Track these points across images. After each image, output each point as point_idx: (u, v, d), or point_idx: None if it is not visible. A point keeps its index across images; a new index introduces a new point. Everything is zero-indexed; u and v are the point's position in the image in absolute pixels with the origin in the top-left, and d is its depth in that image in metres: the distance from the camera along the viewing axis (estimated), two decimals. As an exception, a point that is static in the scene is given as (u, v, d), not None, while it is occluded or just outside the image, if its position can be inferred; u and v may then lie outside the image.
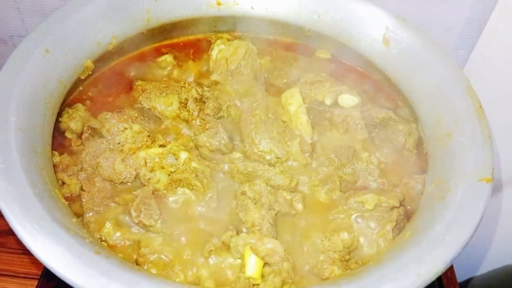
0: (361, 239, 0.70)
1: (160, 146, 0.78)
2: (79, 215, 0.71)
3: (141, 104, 0.87)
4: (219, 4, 0.97)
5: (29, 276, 0.99)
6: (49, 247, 0.53)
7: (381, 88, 0.95)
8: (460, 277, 1.57)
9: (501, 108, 1.23)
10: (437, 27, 1.13)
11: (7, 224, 0.82)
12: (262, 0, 0.98)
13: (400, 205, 0.74)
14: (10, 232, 1.04)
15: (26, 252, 1.01)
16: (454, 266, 1.12)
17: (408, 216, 0.74)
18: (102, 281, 0.51)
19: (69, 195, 0.74)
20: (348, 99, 0.89)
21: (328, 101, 0.90)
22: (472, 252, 1.59)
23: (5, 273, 1.00)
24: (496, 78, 1.19)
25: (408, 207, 0.76)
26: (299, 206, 0.74)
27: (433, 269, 0.55)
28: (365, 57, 0.94)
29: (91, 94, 0.89)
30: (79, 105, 0.85)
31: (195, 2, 0.96)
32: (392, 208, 0.73)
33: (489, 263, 1.53)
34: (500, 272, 1.49)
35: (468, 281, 1.56)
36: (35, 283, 0.94)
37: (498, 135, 1.26)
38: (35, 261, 1.00)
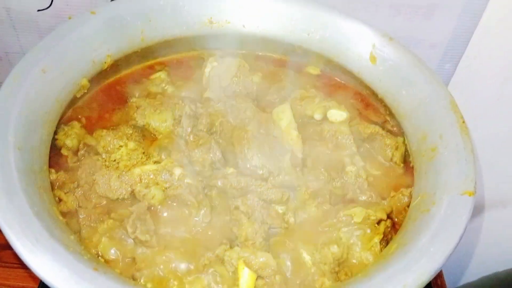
0: (350, 252, 0.73)
1: (154, 162, 0.80)
2: (76, 231, 0.73)
3: (136, 121, 0.89)
4: (211, 23, 1.00)
5: (26, 290, 1.01)
6: (48, 263, 0.55)
7: (369, 103, 0.98)
8: (451, 285, 1.60)
9: (485, 118, 1.27)
10: (423, 43, 1.17)
11: (2, 238, 0.84)
12: (254, 19, 1.01)
13: (388, 217, 0.77)
14: (7, 247, 1.06)
15: (22, 266, 1.03)
16: (444, 274, 1.14)
17: (395, 228, 0.77)
18: (100, 296, 0.53)
19: (66, 211, 0.76)
20: (337, 114, 0.92)
21: (317, 116, 0.92)
22: (463, 260, 1.62)
23: (2, 287, 1.01)
24: (481, 91, 1.22)
25: (395, 219, 0.79)
26: (291, 220, 0.77)
27: (419, 279, 0.58)
28: (353, 73, 0.97)
29: (86, 112, 0.90)
30: (75, 122, 0.87)
31: (188, 22, 0.98)
32: (380, 221, 0.76)
33: (479, 270, 1.56)
34: (490, 279, 1.52)
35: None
36: (32, 297, 0.95)
37: (482, 148, 1.29)
38: (32, 275, 1.01)
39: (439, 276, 1.15)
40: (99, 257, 0.69)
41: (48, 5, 1.13)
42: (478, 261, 1.59)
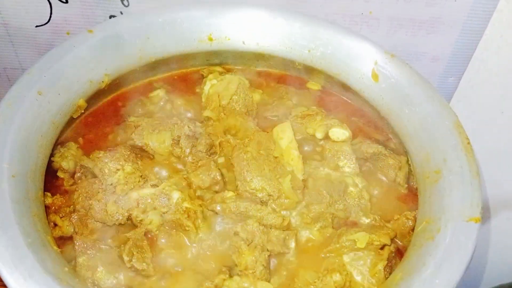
0: (353, 279, 0.71)
1: (152, 186, 0.78)
2: (71, 258, 0.71)
3: (134, 141, 0.87)
4: (210, 39, 0.98)
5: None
6: (41, 300, 0.53)
7: (371, 121, 0.96)
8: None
9: (488, 132, 1.25)
10: (425, 56, 1.16)
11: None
12: (253, 35, 0.99)
13: (392, 242, 0.75)
14: None
15: None
16: None
17: (400, 253, 0.75)
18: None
19: (61, 236, 0.75)
20: (339, 133, 0.90)
21: (319, 135, 0.91)
22: (469, 272, 1.60)
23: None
24: (484, 104, 1.21)
25: (400, 243, 0.77)
26: (292, 245, 0.75)
27: (424, 315, 0.56)
28: (355, 90, 0.95)
29: (83, 132, 0.89)
30: (71, 143, 0.85)
31: (187, 39, 0.97)
32: (384, 246, 0.74)
33: (485, 283, 1.54)
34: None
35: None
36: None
37: (484, 158, 1.28)
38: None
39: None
40: (95, 287, 0.68)
41: (46, 21, 1.12)
42: (483, 273, 1.57)
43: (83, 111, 0.88)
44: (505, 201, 1.40)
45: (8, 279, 0.55)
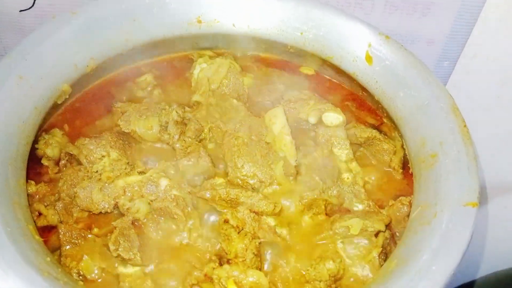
0: (347, 267, 0.69)
1: (139, 173, 0.76)
2: (56, 247, 0.69)
3: (120, 128, 0.84)
4: (200, 22, 0.95)
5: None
6: (20, 291, 0.51)
7: (365, 105, 0.94)
8: (453, 282, 1.57)
9: (485, 118, 1.24)
10: (420, 40, 1.13)
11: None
12: (244, 17, 0.96)
13: (386, 228, 0.73)
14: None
15: None
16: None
17: (394, 240, 0.73)
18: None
19: (46, 225, 0.72)
20: (333, 118, 0.88)
21: (312, 120, 0.88)
22: (465, 258, 1.59)
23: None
24: (479, 89, 1.19)
25: (395, 230, 0.75)
26: (284, 232, 0.73)
27: (420, 303, 0.54)
28: (349, 74, 0.93)
29: (68, 118, 0.86)
30: (56, 130, 0.82)
31: (176, 21, 0.94)
32: (378, 232, 0.72)
33: (482, 269, 1.53)
34: (492, 277, 1.50)
35: (461, 286, 1.57)
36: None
37: (481, 145, 1.26)
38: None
39: None
40: (80, 277, 0.65)
41: (30, 5, 1.08)
42: (477, 260, 1.57)
43: (68, 97, 0.85)
44: (501, 187, 1.39)
45: (-14, 271, 0.52)
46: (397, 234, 0.75)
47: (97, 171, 0.75)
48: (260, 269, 0.66)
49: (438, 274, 0.56)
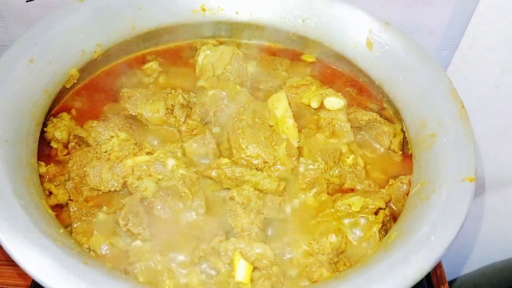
0: (349, 241, 0.71)
1: (147, 153, 0.78)
2: (67, 224, 0.71)
3: (128, 111, 0.86)
4: (204, 10, 0.97)
5: (19, 288, 0.98)
6: (36, 259, 0.53)
7: (366, 91, 0.96)
8: (450, 275, 1.59)
9: (483, 108, 1.25)
10: (420, 30, 1.15)
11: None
12: (247, 5, 0.98)
13: (386, 206, 0.75)
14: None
15: (14, 264, 1.01)
16: (443, 265, 1.13)
17: (394, 217, 0.75)
18: (90, 291, 0.51)
19: (56, 204, 0.74)
20: (334, 102, 0.90)
21: (314, 104, 0.91)
22: (461, 251, 1.61)
23: (-7, 285, 0.99)
24: (478, 78, 1.21)
25: (394, 208, 0.77)
26: (287, 210, 0.75)
27: (419, 269, 0.56)
28: (350, 60, 0.95)
29: (76, 103, 0.88)
30: (64, 114, 0.84)
31: (180, 9, 0.96)
32: (378, 209, 0.74)
33: (478, 261, 1.55)
34: (488, 269, 1.51)
35: (457, 279, 1.58)
36: (25, 294, 0.94)
37: (479, 134, 1.28)
38: (24, 273, 0.99)
39: (438, 266, 1.14)
40: (91, 252, 0.67)
41: (36, -5, 1.11)
42: (477, 251, 1.58)
43: (76, 82, 0.87)
44: (499, 178, 1.40)
45: (2, 240, 0.54)
46: (397, 210, 0.77)
47: (106, 151, 0.77)
48: (264, 243, 0.68)
49: (436, 244, 0.58)
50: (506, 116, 1.27)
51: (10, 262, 1.02)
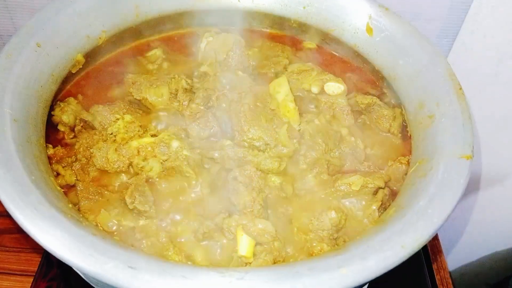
0: (348, 218, 0.73)
1: (152, 135, 0.80)
2: (74, 203, 0.73)
3: (132, 96, 0.88)
4: (206, -3, 0.99)
5: (26, 274, 1.00)
6: (48, 230, 0.55)
7: (366, 76, 0.98)
8: (451, 264, 1.61)
9: (484, 95, 1.26)
10: (419, 17, 1.16)
11: (2, 223, 0.84)
12: (249, -7, 1.00)
13: (385, 185, 0.77)
14: (4, 231, 1.05)
15: (21, 250, 1.04)
16: (444, 255, 1.14)
17: (393, 196, 0.77)
18: (101, 260, 0.53)
19: (64, 184, 0.76)
20: (334, 87, 0.92)
21: (314, 89, 0.92)
22: (462, 240, 1.63)
23: (1, 271, 1.01)
24: (477, 67, 1.22)
25: (394, 188, 0.79)
26: (289, 189, 0.77)
27: (417, 240, 0.58)
28: (350, 46, 0.97)
29: (82, 88, 0.90)
30: (71, 99, 0.86)
31: (183, -4, 0.98)
32: (378, 188, 0.76)
33: (478, 251, 1.56)
34: (489, 259, 1.53)
35: (458, 269, 1.60)
36: (31, 279, 0.95)
37: (477, 123, 1.29)
38: (30, 259, 1.02)
39: (434, 239, 1.15)
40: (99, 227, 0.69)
41: (41, -15, 1.12)
42: (477, 241, 1.60)
43: (81, 67, 0.89)
44: (499, 166, 1.42)
45: (15, 213, 0.56)
46: (396, 190, 0.78)
47: (111, 133, 0.79)
48: (266, 219, 0.70)
49: (434, 216, 0.60)
50: (506, 103, 1.28)
51: (16, 249, 1.04)
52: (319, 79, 0.93)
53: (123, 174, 0.77)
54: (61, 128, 0.83)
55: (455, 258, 1.65)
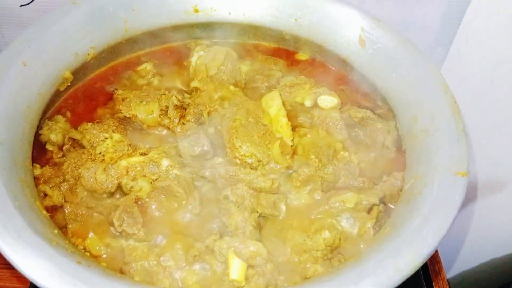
0: (343, 237, 0.71)
1: (141, 154, 0.78)
2: (62, 225, 0.71)
3: (122, 113, 0.87)
4: (196, 11, 0.98)
5: (17, 291, 0.99)
6: (30, 258, 0.54)
7: (359, 88, 0.96)
8: (448, 271, 1.59)
9: (479, 104, 1.25)
10: (413, 26, 1.15)
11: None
12: (240, 5, 0.99)
13: (380, 202, 0.76)
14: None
15: (13, 267, 1.02)
16: (443, 262, 1.13)
17: (388, 213, 0.75)
18: (84, 290, 0.51)
19: (52, 206, 0.74)
20: (328, 100, 0.91)
21: (308, 103, 0.91)
22: (460, 247, 1.61)
23: (-7, 288, 1.00)
24: (472, 75, 1.21)
25: (389, 204, 0.78)
26: (282, 208, 0.75)
27: (411, 263, 0.56)
28: (343, 58, 0.95)
29: (71, 106, 0.89)
30: (59, 117, 0.85)
31: (173, 10, 0.96)
32: (372, 205, 0.74)
33: (477, 258, 1.55)
34: (488, 265, 1.51)
35: (457, 276, 1.58)
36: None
37: (473, 131, 1.28)
38: (22, 277, 0.99)
39: (437, 262, 1.14)
40: (86, 252, 0.68)
41: (30, 0, 1.11)
42: (475, 248, 1.58)
43: (70, 84, 0.88)
44: (495, 173, 1.40)
45: (-4, 240, 0.55)
46: (391, 207, 0.77)
47: (100, 153, 0.77)
48: (258, 241, 0.69)
49: (429, 237, 0.59)
50: (502, 110, 1.27)
51: (9, 266, 1.02)
52: (312, 92, 0.92)
53: (112, 195, 0.75)
54: (49, 147, 0.82)
55: (454, 265, 1.64)
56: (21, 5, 1.12)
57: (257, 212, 0.72)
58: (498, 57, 1.16)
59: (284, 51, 1.04)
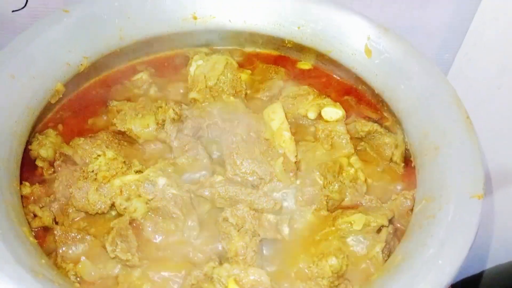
0: (350, 261, 0.67)
1: (136, 172, 0.74)
2: (52, 249, 0.67)
3: (116, 127, 0.83)
4: (195, 18, 0.94)
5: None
6: (13, 294, 0.49)
7: (365, 99, 0.92)
8: (461, 274, 1.56)
9: (487, 109, 1.22)
10: (420, 33, 1.12)
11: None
12: (240, 12, 0.94)
13: (390, 223, 0.71)
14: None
15: None
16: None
17: (397, 235, 0.71)
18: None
19: (42, 226, 0.70)
20: (332, 112, 0.87)
21: (311, 115, 0.87)
22: (478, 249, 1.58)
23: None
24: (480, 80, 1.18)
25: (398, 225, 0.74)
26: (285, 230, 0.71)
27: (428, 298, 0.52)
28: (348, 68, 0.91)
29: (62, 118, 0.85)
30: (50, 130, 0.81)
31: (170, 18, 0.92)
32: (381, 227, 0.70)
33: (481, 264, 1.52)
34: (492, 272, 1.49)
35: (461, 282, 1.55)
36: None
37: (481, 136, 1.25)
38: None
39: None
40: (78, 278, 0.64)
41: (23, 5, 1.07)
42: (480, 254, 1.55)
43: (61, 96, 0.83)
44: (505, 177, 1.38)
45: (-23, 273, 0.50)
46: (401, 227, 0.73)
47: (92, 171, 0.73)
48: (260, 267, 0.64)
49: (445, 267, 0.54)
50: (509, 115, 1.24)
51: None
52: (316, 103, 0.88)
53: (105, 216, 0.71)
54: (39, 163, 0.77)
55: (465, 268, 1.61)
56: (13, 11, 1.08)
57: (259, 235, 0.68)
58: (506, 62, 1.14)
59: (286, 59, 0.99)
